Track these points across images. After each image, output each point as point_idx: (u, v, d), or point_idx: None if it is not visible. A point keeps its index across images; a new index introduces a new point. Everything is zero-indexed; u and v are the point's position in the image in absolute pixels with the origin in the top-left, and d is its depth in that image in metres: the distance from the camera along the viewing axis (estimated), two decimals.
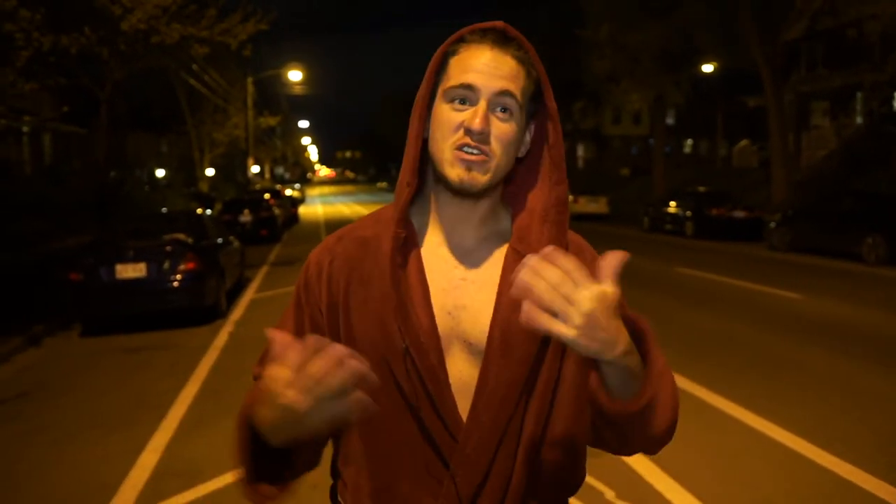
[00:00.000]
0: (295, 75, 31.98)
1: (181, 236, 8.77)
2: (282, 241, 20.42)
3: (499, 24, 1.09)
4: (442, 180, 1.09)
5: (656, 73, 27.32)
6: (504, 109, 1.06)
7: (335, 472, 1.21)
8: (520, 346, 1.05)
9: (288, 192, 34.62)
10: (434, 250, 1.13)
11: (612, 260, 0.88)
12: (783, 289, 10.02)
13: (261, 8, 12.80)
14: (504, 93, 1.05)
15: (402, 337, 1.05)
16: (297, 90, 41.52)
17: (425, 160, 1.14)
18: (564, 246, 1.10)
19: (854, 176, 22.53)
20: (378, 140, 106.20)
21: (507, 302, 1.05)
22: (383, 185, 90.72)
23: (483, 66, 1.05)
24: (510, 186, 1.18)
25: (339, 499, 1.19)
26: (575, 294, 0.84)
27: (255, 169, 34.14)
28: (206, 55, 13.48)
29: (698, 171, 35.34)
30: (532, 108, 1.11)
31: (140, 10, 10.43)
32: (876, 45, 22.12)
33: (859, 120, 26.57)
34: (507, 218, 1.17)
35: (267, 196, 21.69)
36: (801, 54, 29.36)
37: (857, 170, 23.23)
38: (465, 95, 1.05)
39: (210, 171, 34.23)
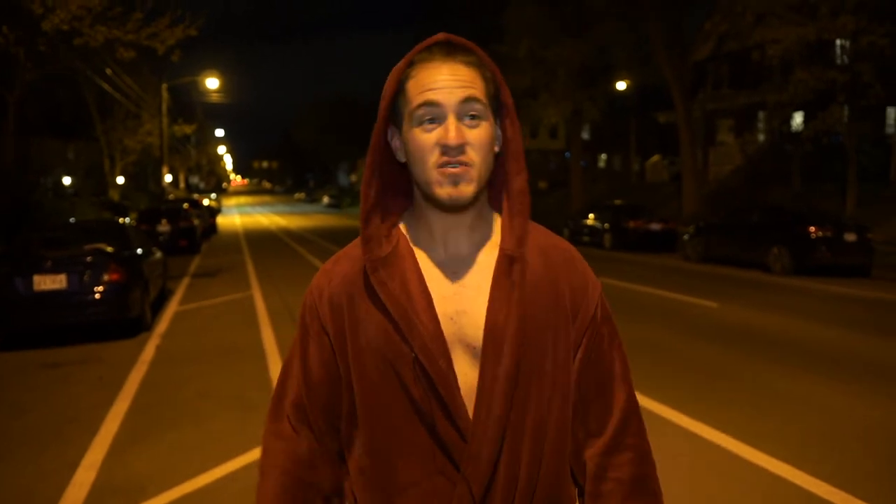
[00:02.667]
0: (212, 83, 31.20)
1: (102, 246, 8.42)
2: (201, 251, 19.86)
3: (440, 36, 1.12)
4: (431, 200, 1.12)
5: (573, 88, 28.16)
6: (472, 116, 1.08)
7: (347, 482, 1.23)
8: (509, 342, 1.09)
9: (205, 202, 33.63)
10: (431, 259, 1.15)
11: None
12: (700, 297, 10.50)
13: (189, 13, 12.45)
14: (467, 99, 1.07)
15: (409, 345, 1.08)
16: (214, 98, 40.54)
17: (400, 179, 1.19)
18: (525, 234, 1.14)
19: (758, 190, 23.86)
20: (295, 150, 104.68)
21: (496, 302, 1.11)
22: (301, 195, 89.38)
23: (439, 81, 1.07)
24: (493, 188, 1.21)
25: None
26: None
27: (168, 178, 33.01)
28: (130, 60, 13.02)
29: (613, 185, 36.55)
30: (495, 105, 1.13)
31: (63, 9, 9.92)
32: (777, 67, 23.55)
33: (762, 137, 28.12)
34: (494, 218, 1.20)
35: (186, 206, 21.03)
36: (709, 74, 30.89)
37: (760, 185, 24.61)
38: (431, 114, 1.07)
39: (120, 180, 32.94)
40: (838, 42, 19.79)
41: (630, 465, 1.19)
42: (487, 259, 1.15)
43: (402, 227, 1.18)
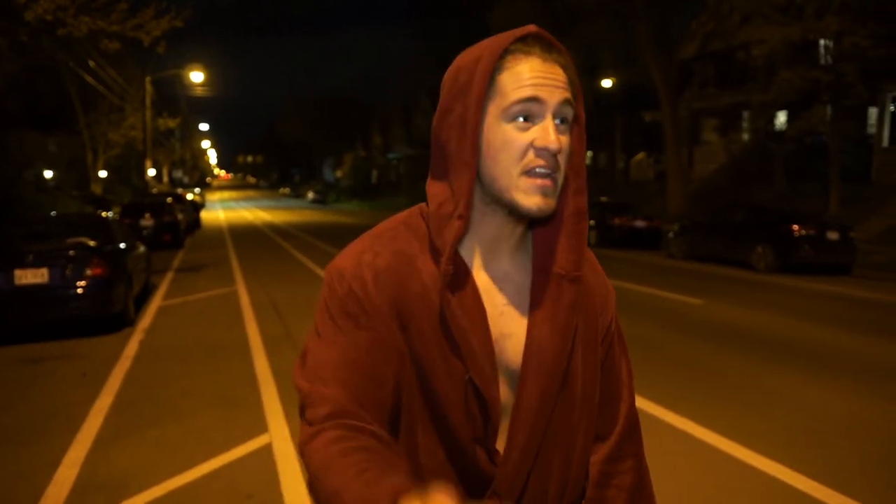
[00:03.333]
0: (196, 76, 30.97)
1: (85, 240, 8.32)
2: (185, 246, 19.71)
3: (532, 28, 1.02)
4: (509, 207, 1.03)
5: None
6: (563, 121, 1.02)
7: None
8: (550, 364, 1.06)
9: (189, 196, 33.40)
10: (477, 276, 1.08)
11: None
12: (685, 295, 10.56)
13: (175, 4, 12.33)
14: (565, 102, 1.00)
15: (465, 367, 1.03)
16: (199, 92, 40.23)
17: None
18: (582, 256, 1.09)
19: (742, 189, 24.03)
20: (280, 145, 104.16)
21: (537, 325, 1.06)
22: (286, 190, 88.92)
23: (542, 77, 0.99)
24: None
25: None
26: None
27: (151, 172, 32.73)
28: (114, 52, 12.86)
29: (598, 183, 36.64)
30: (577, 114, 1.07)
31: None
32: (761, 67, 23.72)
33: (746, 137, 28.32)
34: (529, 235, 1.13)
35: (169, 200, 20.86)
36: (695, 73, 31.04)
37: (744, 184, 24.79)
38: (529, 110, 0.99)
39: (103, 173, 32.64)
40: (822, 42, 19.95)
41: (631, 473, 1.20)
42: (526, 275, 1.10)
43: None
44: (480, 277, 1.07)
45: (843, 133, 20.21)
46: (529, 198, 1.00)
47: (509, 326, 1.07)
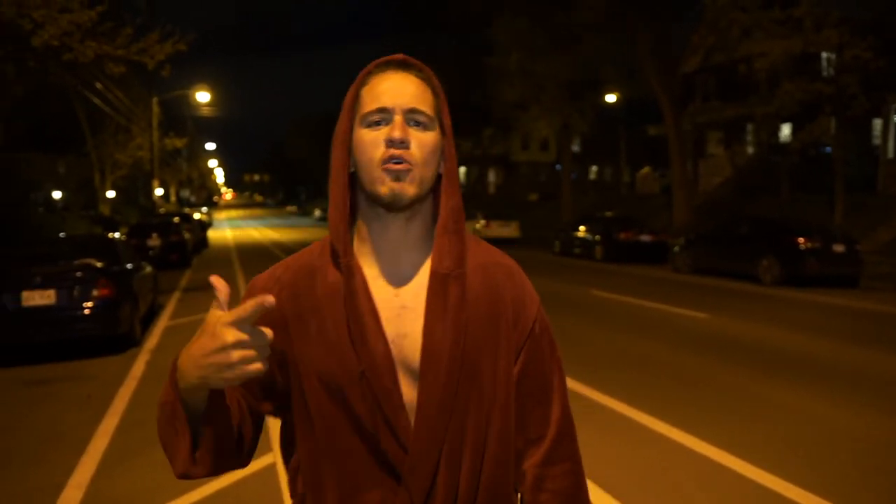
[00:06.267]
0: (203, 96, 31.19)
1: (92, 261, 8.39)
2: (192, 266, 19.78)
3: (398, 56, 1.20)
4: (374, 200, 1.14)
5: (562, 101, 28.31)
6: (418, 123, 1.14)
7: (295, 496, 1.26)
8: (444, 364, 1.12)
9: (196, 215, 33.55)
10: (374, 280, 1.17)
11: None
12: (691, 309, 10.54)
13: (179, 28, 12.47)
14: (414, 111, 1.13)
15: (358, 362, 1.11)
16: (205, 111, 40.52)
17: (351, 193, 1.19)
18: (462, 254, 1.17)
19: (747, 202, 24.01)
20: (286, 163, 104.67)
21: (433, 326, 1.13)
22: (292, 208, 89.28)
23: (391, 88, 1.14)
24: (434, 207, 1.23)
25: None
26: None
27: (158, 192, 32.93)
28: (120, 75, 13.00)
29: (603, 197, 36.69)
30: (441, 123, 1.18)
31: (53, 25, 9.93)
32: (764, 79, 23.77)
33: (751, 149, 28.32)
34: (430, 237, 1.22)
35: (176, 220, 20.97)
36: (697, 86, 31.12)
37: (749, 196, 24.77)
38: (380, 118, 1.13)
39: (111, 194, 32.85)
40: (824, 55, 20.01)
41: (565, 477, 1.23)
42: (427, 280, 1.17)
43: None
44: (378, 281, 1.17)
45: (847, 144, 20.22)
46: (384, 185, 1.11)
47: (405, 327, 1.15)
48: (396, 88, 1.14)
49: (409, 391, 1.13)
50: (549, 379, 1.25)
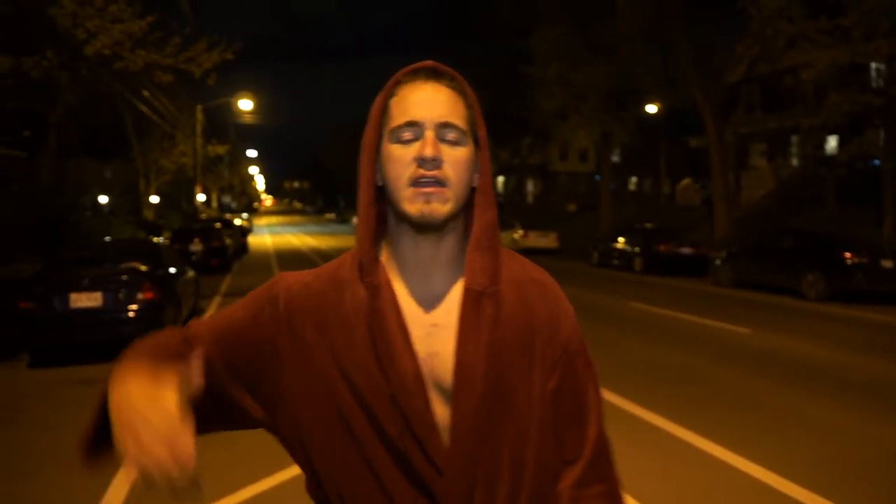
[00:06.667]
0: (245, 104, 31.78)
1: (137, 265, 8.58)
2: (233, 271, 20.10)
3: (428, 63, 1.14)
4: (404, 219, 1.09)
5: (602, 111, 28.11)
6: (450, 138, 1.08)
7: None
8: (478, 383, 1.09)
9: (237, 221, 34.09)
10: (404, 297, 1.13)
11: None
12: (732, 323, 10.35)
13: (225, 37, 12.75)
14: (446, 125, 1.08)
15: (387, 383, 1.07)
16: (247, 119, 41.25)
17: (380, 205, 1.15)
18: (497, 271, 1.13)
19: (791, 215, 23.53)
20: (325, 171, 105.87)
21: (466, 345, 1.09)
22: (331, 216, 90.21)
23: (421, 100, 1.09)
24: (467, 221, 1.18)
25: None
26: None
27: (200, 197, 33.57)
28: (167, 83, 13.34)
29: (643, 208, 36.31)
30: (474, 135, 1.13)
31: (105, 35, 10.25)
32: (810, 90, 23.31)
33: (795, 161, 27.77)
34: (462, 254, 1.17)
35: (218, 225, 21.34)
36: (741, 97, 30.65)
37: (793, 209, 24.27)
38: (410, 133, 1.08)
39: (155, 199, 33.59)
40: (873, 65, 19.54)
41: (599, 499, 1.19)
42: (460, 297, 1.14)
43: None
44: (407, 300, 1.13)
45: None
46: (413, 204, 1.07)
47: (437, 345, 1.11)
48: (427, 100, 1.09)
49: (441, 411, 1.10)
50: (584, 397, 1.21)
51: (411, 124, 1.08)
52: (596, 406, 1.22)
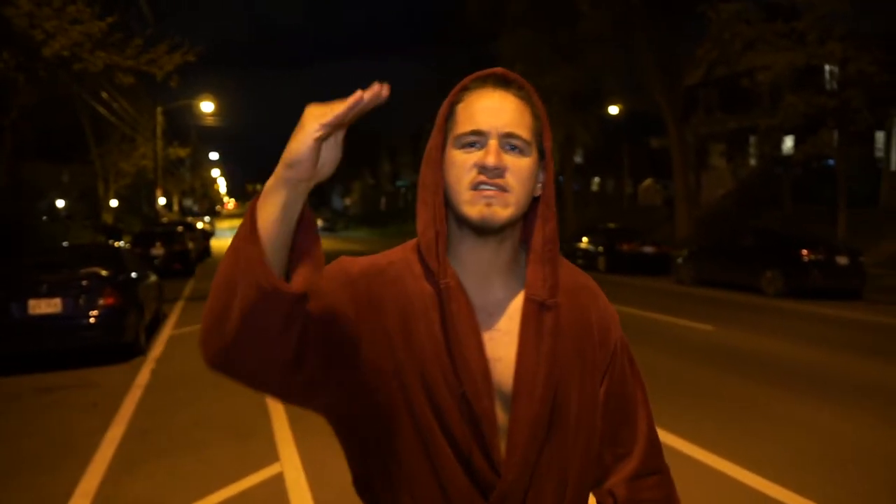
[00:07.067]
0: (207, 106, 31.30)
1: (98, 270, 8.41)
2: (195, 275, 19.81)
3: (498, 70, 1.15)
4: (464, 222, 1.11)
5: (566, 113, 28.37)
6: (514, 148, 1.09)
7: None
8: (538, 391, 1.11)
9: (199, 225, 33.60)
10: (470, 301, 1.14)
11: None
12: (695, 321, 10.53)
13: (188, 40, 12.57)
14: (511, 135, 1.09)
15: (458, 382, 1.08)
16: (209, 121, 40.65)
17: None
18: (556, 283, 1.15)
19: (750, 214, 24.02)
20: None
21: (527, 353, 1.11)
22: None
23: (488, 109, 1.09)
24: (525, 230, 1.20)
25: None
26: None
27: (161, 201, 33.01)
28: (128, 85, 13.12)
29: (606, 209, 36.67)
30: (539, 145, 1.14)
31: (63, 36, 10.02)
32: (767, 92, 23.82)
33: (753, 161, 28.34)
34: (527, 264, 1.19)
35: (180, 229, 21.02)
36: (700, 99, 31.18)
37: (752, 208, 24.78)
38: (476, 139, 1.09)
39: (114, 203, 32.93)
40: (827, 68, 20.05)
41: (659, 488, 1.27)
42: (520, 304, 1.15)
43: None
44: (473, 303, 1.13)
45: (850, 157, 20.23)
46: (473, 207, 1.08)
47: (499, 351, 1.12)
48: (494, 109, 1.09)
49: (500, 415, 1.11)
50: (633, 395, 1.27)
51: (476, 132, 1.09)
52: (644, 401, 1.29)
